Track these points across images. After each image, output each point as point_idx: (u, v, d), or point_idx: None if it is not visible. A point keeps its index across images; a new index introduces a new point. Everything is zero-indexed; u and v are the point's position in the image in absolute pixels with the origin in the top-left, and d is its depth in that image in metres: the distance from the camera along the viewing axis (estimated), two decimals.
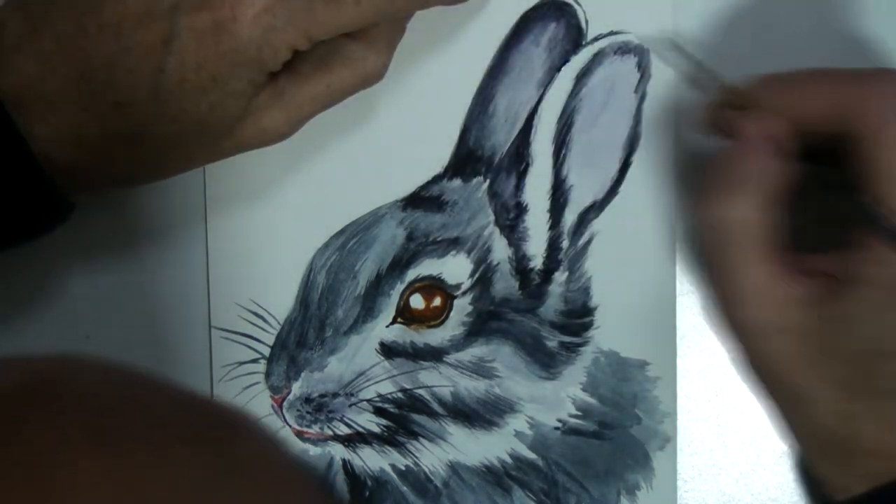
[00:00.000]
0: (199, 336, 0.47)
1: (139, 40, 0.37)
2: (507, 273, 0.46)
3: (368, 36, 0.40)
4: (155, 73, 0.37)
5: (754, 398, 0.46)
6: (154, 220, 0.47)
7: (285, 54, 0.38)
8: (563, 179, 0.46)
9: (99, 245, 0.47)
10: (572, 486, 0.46)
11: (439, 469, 0.47)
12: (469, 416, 0.46)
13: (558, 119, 0.45)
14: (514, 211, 0.46)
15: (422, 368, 0.46)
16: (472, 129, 0.46)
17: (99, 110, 0.37)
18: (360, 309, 0.46)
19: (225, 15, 0.37)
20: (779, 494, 0.47)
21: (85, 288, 0.47)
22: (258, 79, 0.38)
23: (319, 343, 0.46)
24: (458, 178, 0.46)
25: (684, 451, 0.46)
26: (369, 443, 0.46)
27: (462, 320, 0.46)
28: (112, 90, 0.37)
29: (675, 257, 0.46)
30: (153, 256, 0.47)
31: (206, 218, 0.46)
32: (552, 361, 0.46)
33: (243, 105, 0.39)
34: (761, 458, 0.46)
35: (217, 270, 0.47)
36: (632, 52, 0.45)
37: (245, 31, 0.37)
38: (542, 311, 0.46)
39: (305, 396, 0.46)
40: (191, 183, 0.46)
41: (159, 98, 0.37)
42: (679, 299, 0.46)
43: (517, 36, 0.45)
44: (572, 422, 0.46)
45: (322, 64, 0.40)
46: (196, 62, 0.37)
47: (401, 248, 0.46)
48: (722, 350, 0.46)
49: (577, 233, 0.46)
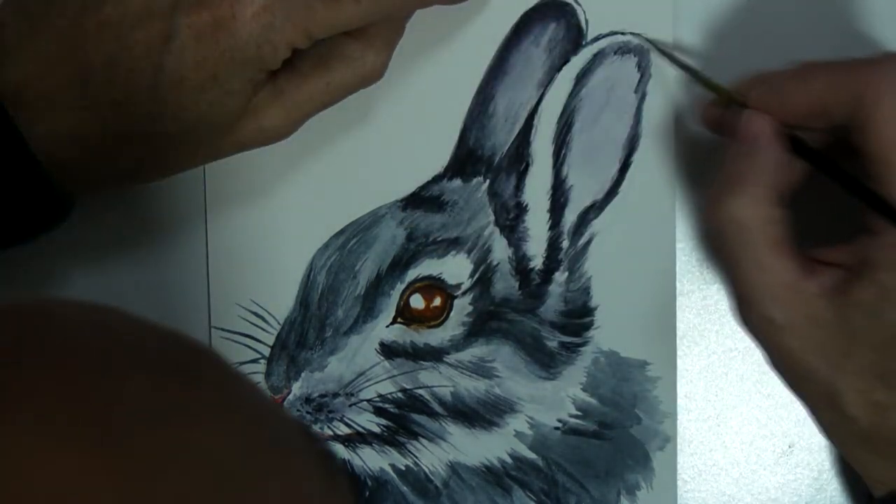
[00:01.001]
0: (199, 336, 0.47)
1: (138, 39, 0.37)
2: (507, 273, 0.46)
3: (368, 35, 0.40)
4: (154, 72, 0.37)
5: (754, 398, 0.46)
6: (154, 220, 0.47)
7: (285, 53, 0.38)
8: (563, 179, 0.46)
9: (99, 245, 0.47)
10: (572, 486, 0.46)
11: (439, 469, 0.47)
12: (469, 416, 0.46)
13: (558, 119, 0.45)
14: (514, 211, 0.46)
15: (422, 368, 0.46)
16: (472, 129, 0.46)
17: (98, 109, 0.37)
18: (360, 309, 0.46)
19: (224, 13, 0.37)
20: (779, 494, 0.46)
21: (85, 288, 0.47)
22: (257, 77, 0.38)
23: (319, 343, 0.46)
24: (458, 178, 0.46)
25: (684, 451, 0.46)
26: (369, 443, 0.46)
27: (462, 320, 0.46)
28: (112, 89, 0.37)
29: (675, 257, 0.46)
30: (153, 256, 0.47)
31: (206, 218, 0.47)
32: (552, 361, 0.46)
33: (243, 104, 0.39)
34: (761, 458, 0.46)
35: (217, 270, 0.47)
36: (632, 52, 0.45)
37: (244, 29, 0.37)
38: (542, 311, 0.46)
39: (305, 396, 0.46)
40: (191, 183, 0.46)
41: (159, 97, 0.37)
42: (679, 299, 0.46)
43: (517, 36, 0.45)
44: (572, 422, 0.46)
45: (321, 63, 0.40)
46: (195, 61, 0.37)
47: (401, 248, 0.46)
48: (722, 350, 0.46)
49: (577, 233, 0.46)
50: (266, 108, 0.40)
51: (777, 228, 0.39)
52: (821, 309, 0.38)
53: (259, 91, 0.39)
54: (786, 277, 0.39)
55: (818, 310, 0.38)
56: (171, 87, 0.37)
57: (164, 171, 0.41)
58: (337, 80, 0.40)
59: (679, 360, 0.46)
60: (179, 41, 0.37)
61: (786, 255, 0.39)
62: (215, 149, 0.40)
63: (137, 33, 0.37)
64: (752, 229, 0.39)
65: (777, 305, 0.39)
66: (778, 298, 0.39)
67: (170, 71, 0.37)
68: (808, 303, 0.38)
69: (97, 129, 0.38)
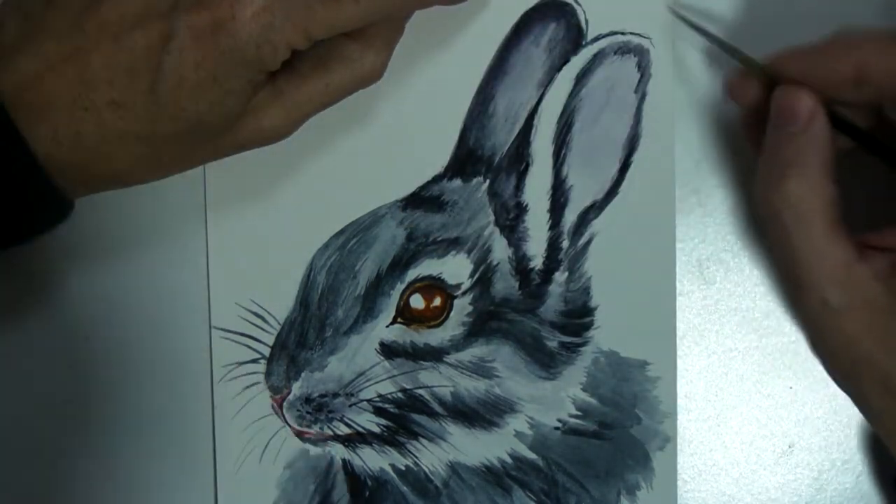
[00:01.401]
0: (199, 336, 0.47)
1: (138, 39, 0.37)
2: (507, 273, 0.46)
3: (367, 35, 0.40)
4: (153, 73, 0.37)
5: (754, 398, 0.46)
6: (154, 220, 0.47)
7: (284, 53, 0.38)
8: (563, 179, 0.46)
9: (99, 245, 0.47)
10: (572, 486, 0.46)
11: (439, 469, 0.47)
12: (469, 416, 0.46)
13: (558, 119, 0.45)
14: (514, 211, 0.46)
15: (422, 368, 0.46)
16: (472, 129, 0.46)
17: (98, 109, 0.37)
18: (360, 309, 0.46)
19: (224, 14, 0.37)
20: (779, 494, 0.46)
21: (85, 288, 0.47)
22: (257, 78, 0.38)
23: (319, 343, 0.46)
24: (458, 178, 0.46)
25: (684, 451, 0.46)
26: (369, 443, 0.46)
27: (462, 320, 0.46)
28: (111, 89, 0.37)
29: (675, 257, 0.46)
30: (153, 256, 0.47)
31: (206, 218, 0.47)
32: (552, 361, 0.46)
33: (242, 104, 0.39)
34: (761, 458, 0.46)
35: (217, 270, 0.47)
36: (632, 52, 0.45)
37: (244, 29, 0.37)
38: (542, 311, 0.46)
39: (305, 396, 0.46)
40: (191, 183, 0.46)
41: (158, 97, 0.37)
42: (679, 299, 0.46)
43: (517, 36, 0.45)
44: (572, 422, 0.46)
45: (321, 63, 0.40)
46: (195, 61, 0.37)
47: (401, 248, 0.46)
48: (722, 350, 0.46)
49: (577, 233, 0.46)
50: (265, 108, 0.40)
51: (835, 209, 0.38)
52: (877, 292, 0.38)
53: (258, 91, 0.39)
54: (844, 260, 0.38)
55: (874, 293, 0.38)
56: (170, 87, 0.37)
57: (164, 171, 0.41)
58: (336, 81, 0.40)
59: (679, 360, 0.46)
60: (179, 41, 0.37)
61: (843, 238, 0.38)
62: (215, 149, 0.40)
63: (137, 34, 0.37)
64: (812, 211, 0.38)
65: (834, 289, 0.38)
66: (836, 281, 0.38)
67: (169, 71, 0.37)
68: (864, 286, 0.38)
69: (97, 129, 0.38)
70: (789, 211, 0.38)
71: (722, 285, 0.46)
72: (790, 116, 0.39)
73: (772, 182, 0.39)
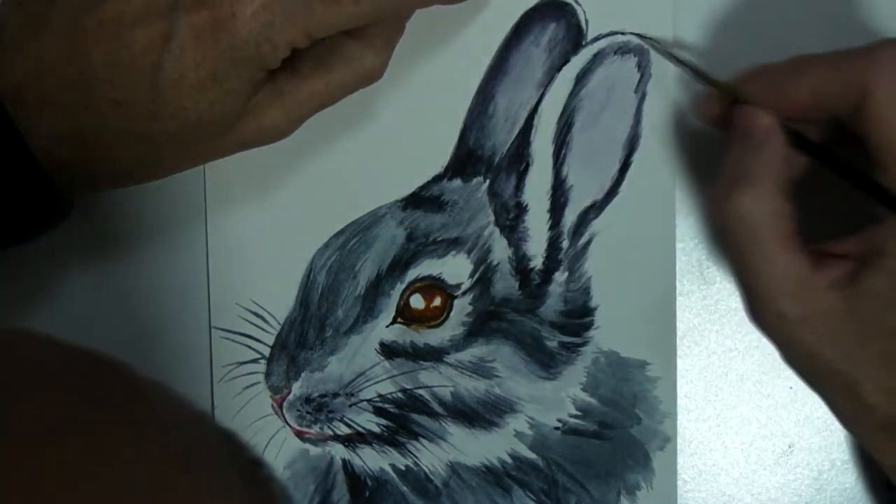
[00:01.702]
0: (199, 336, 0.47)
1: (138, 38, 0.37)
2: (507, 273, 0.46)
3: (367, 34, 0.40)
4: (154, 71, 0.37)
5: (754, 398, 0.46)
6: (154, 220, 0.47)
7: (284, 52, 0.38)
8: (563, 179, 0.46)
9: (99, 245, 0.47)
10: (572, 486, 0.46)
11: (439, 469, 0.47)
12: (469, 416, 0.46)
13: (558, 119, 0.45)
14: (514, 211, 0.46)
15: (422, 368, 0.46)
16: (472, 129, 0.46)
17: (98, 108, 0.37)
18: (360, 309, 0.46)
19: (224, 12, 0.37)
20: (779, 494, 0.46)
21: (85, 288, 0.47)
22: (257, 76, 0.38)
23: (319, 343, 0.46)
24: (458, 178, 0.46)
25: (684, 451, 0.46)
26: (369, 443, 0.46)
27: (462, 320, 0.46)
28: (111, 88, 0.37)
29: (675, 257, 0.46)
30: (153, 256, 0.47)
31: (206, 218, 0.47)
32: (552, 361, 0.46)
33: (242, 103, 0.39)
34: (761, 458, 0.46)
35: (217, 270, 0.47)
36: (632, 52, 0.45)
37: (244, 28, 0.37)
38: (542, 311, 0.46)
39: (305, 396, 0.46)
40: (191, 183, 0.46)
41: (158, 96, 0.37)
42: (679, 299, 0.46)
43: (517, 36, 0.45)
44: (572, 422, 0.46)
45: (321, 62, 0.40)
46: (195, 60, 0.37)
47: (401, 248, 0.46)
48: (722, 350, 0.46)
49: (577, 233, 0.46)
50: (266, 107, 0.40)
51: (786, 223, 0.39)
52: (833, 301, 0.38)
53: (259, 90, 0.39)
54: (797, 272, 0.38)
55: (830, 302, 0.38)
56: (170, 86, 0.37)
57: (164, 170, 0.41)
58: (336, 80, 0.40)
59: (679, 360, 0.46)
60: (179, 40, 0.37)
61: (795, 250, 0.38)
62: (215, 148, 0.40)
63: (137, 32, 0.37)
64: (761, 224, 0.38)
65: (789, 301, 0.39)
66: (790, 294, 0.39)
67: (169, 70, 0.37)
68: (819, 296, 0.38)
69: (97, 128, 0.38)
70: (739, 223, 0.39)
71: (722, 285, 0.46)
72: (747, 134, 0.40)
73: (723, 195, 0.39)
